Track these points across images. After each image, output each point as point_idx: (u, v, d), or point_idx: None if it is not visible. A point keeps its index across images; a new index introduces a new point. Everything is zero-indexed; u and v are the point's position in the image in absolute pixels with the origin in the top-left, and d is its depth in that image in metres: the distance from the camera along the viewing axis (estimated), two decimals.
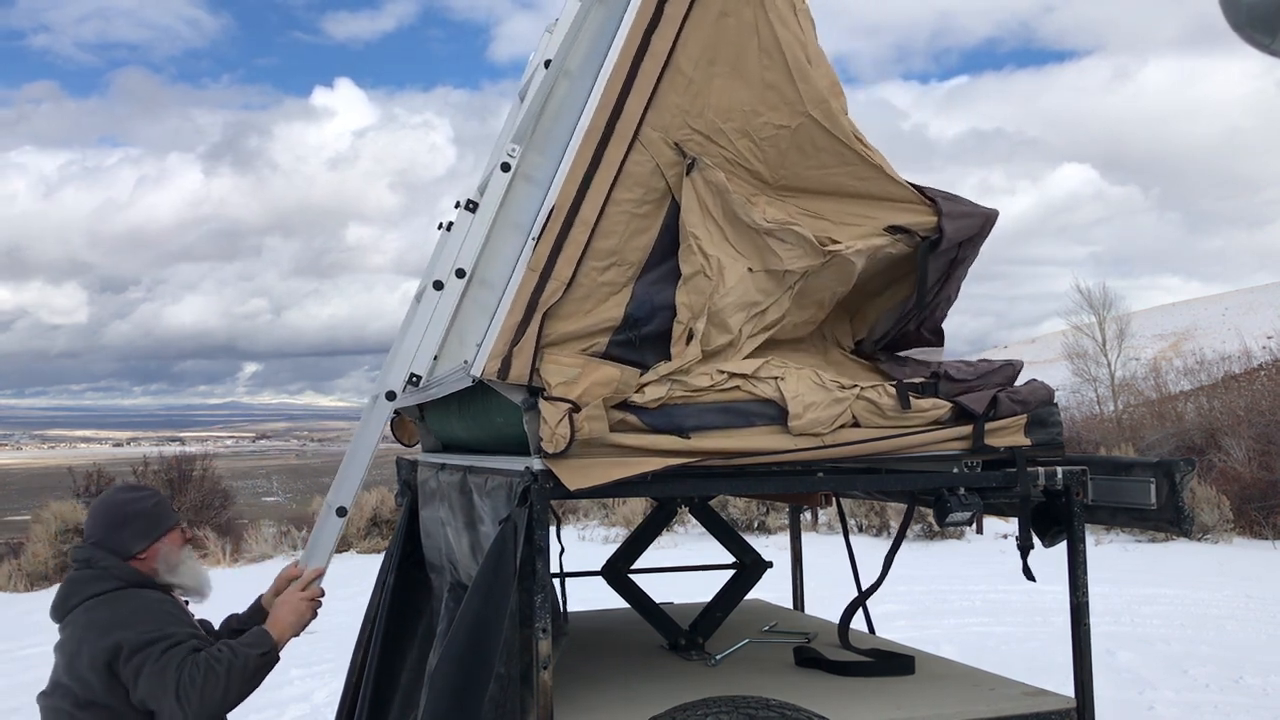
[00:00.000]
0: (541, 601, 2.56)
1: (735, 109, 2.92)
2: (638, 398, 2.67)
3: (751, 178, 2.95)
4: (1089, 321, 35.37)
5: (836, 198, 3.01)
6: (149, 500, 3.02)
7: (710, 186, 2.85)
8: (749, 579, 3.97)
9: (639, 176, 2.84)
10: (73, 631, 2.80)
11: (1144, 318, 61.18)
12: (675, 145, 2.86)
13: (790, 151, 2.95)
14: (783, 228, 2.88)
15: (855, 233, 2.98)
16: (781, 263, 2.89)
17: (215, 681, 2.72)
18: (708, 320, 2.80)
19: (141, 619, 2.77)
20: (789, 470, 2.86)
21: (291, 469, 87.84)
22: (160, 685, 2.68)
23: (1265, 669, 7.74)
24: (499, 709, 2.50)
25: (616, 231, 2.81)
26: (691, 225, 2.83)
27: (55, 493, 18.74)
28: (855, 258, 2.94)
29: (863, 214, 3.01)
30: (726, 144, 2.91)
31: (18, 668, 9.01)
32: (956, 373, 3.06)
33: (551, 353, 2.68)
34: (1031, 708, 2.98)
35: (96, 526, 2.95)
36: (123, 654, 2.70)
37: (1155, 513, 2.97)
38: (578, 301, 2.76)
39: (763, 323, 2.94)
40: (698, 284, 2.80)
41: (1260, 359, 27.72)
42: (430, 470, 3.74)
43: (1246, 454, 17.49)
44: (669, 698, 2.85)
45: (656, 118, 2.85)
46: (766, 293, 2.91)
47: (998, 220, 3.12)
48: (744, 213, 2.86)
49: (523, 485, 2.61)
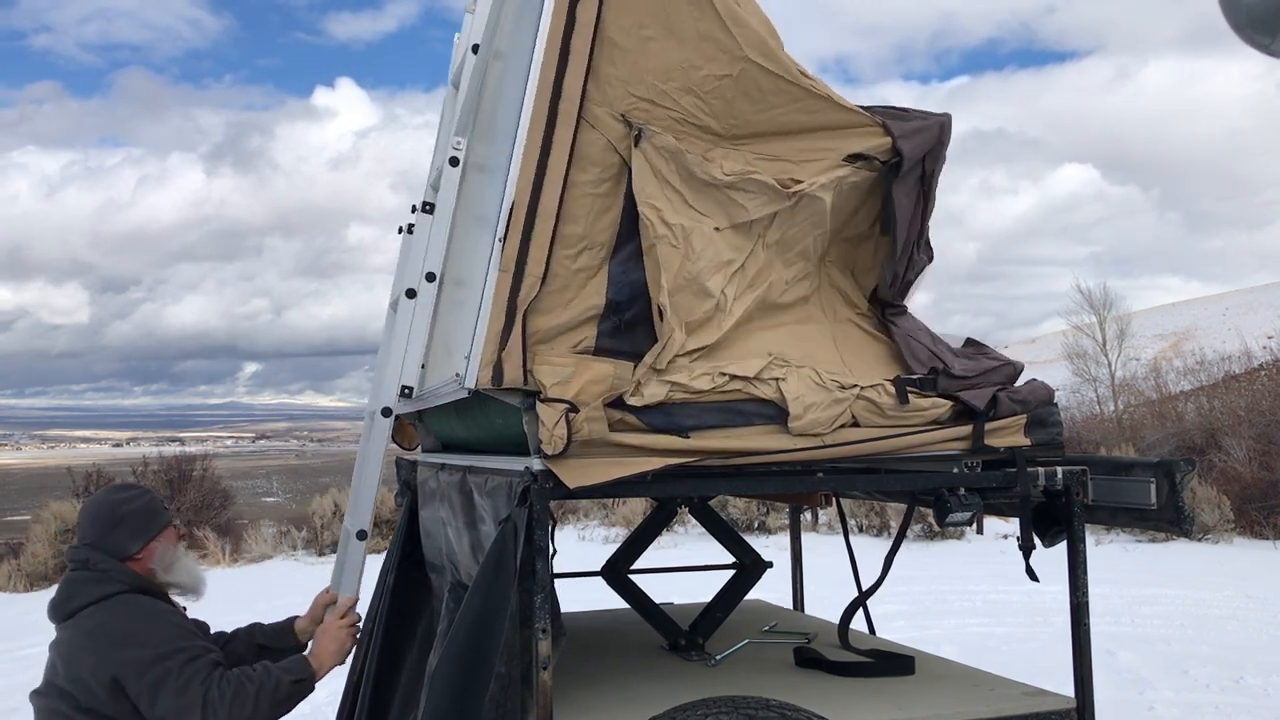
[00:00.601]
0: (541, 601, 2.56)
1: (674, 68, 2.86)
2: (636, 399, 2.66)
3: (703, 134, 2.90)
4: (1089, 321, 35.39)
5: (791, 136, 2.97)
6: (142, 499, 2.98)
7: (662, 153, 2.80)
8: (749, 579, 3.96)
9: (592, 155, 2.79)
10: (74, 636, 2.76)
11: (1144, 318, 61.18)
12: (621, 117, 2.81)
13: (737, 100, 2.90)
14: (742, 178, 2.85)
15: (816, 169, 2.95)
16: (747, 213, 2.86)
17: (244, 700, 2.71)
18: (686, 289, 2.76)
19: (151, 634, 2.74)
20: (789, 470, 2.85)
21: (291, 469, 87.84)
22: (185, 701, 2.66)
23: (1266, 669, 7.74)
24: (499, 709, 2.50)
25: (581, 215, 2.76)
26: (649, 197, 2.78)
27: (55, 493, 18.73)
28: (821, 193, 2.92)
29: (820, 148, 2.97)
30: (672, 104, 2.85)
31: (17, 668, 9.01)
32: (957, 368, 3.05)
33: (543, 353, 2.66)
34: (1031, 708, 2.98)
35: (90, 527, 2.91)
36: (134, 671, 2.67)
37: (1155, 513, 2.97)
38: (556, 294, 2.72)
39: (745, 281, 2.90)
40: (664, 255, 2.75)
41: (1260, 359, 27.71)
42: (430, 470, 3.74)
43: (1247, 454, 17.49)
44: (669, 698, 2.85)
45: (598, 93, 2.80)
46: (739, 248, 2.87)
47: (951, 125, 3.08)
48: (701, 170, 2.82)
49: (522, 485, 2.61)
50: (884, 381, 2.91)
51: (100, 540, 2.88)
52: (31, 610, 11.96)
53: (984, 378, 3.06)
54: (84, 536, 2.92)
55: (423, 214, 3.27)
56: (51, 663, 2.80)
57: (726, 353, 2.86)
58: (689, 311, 2.78)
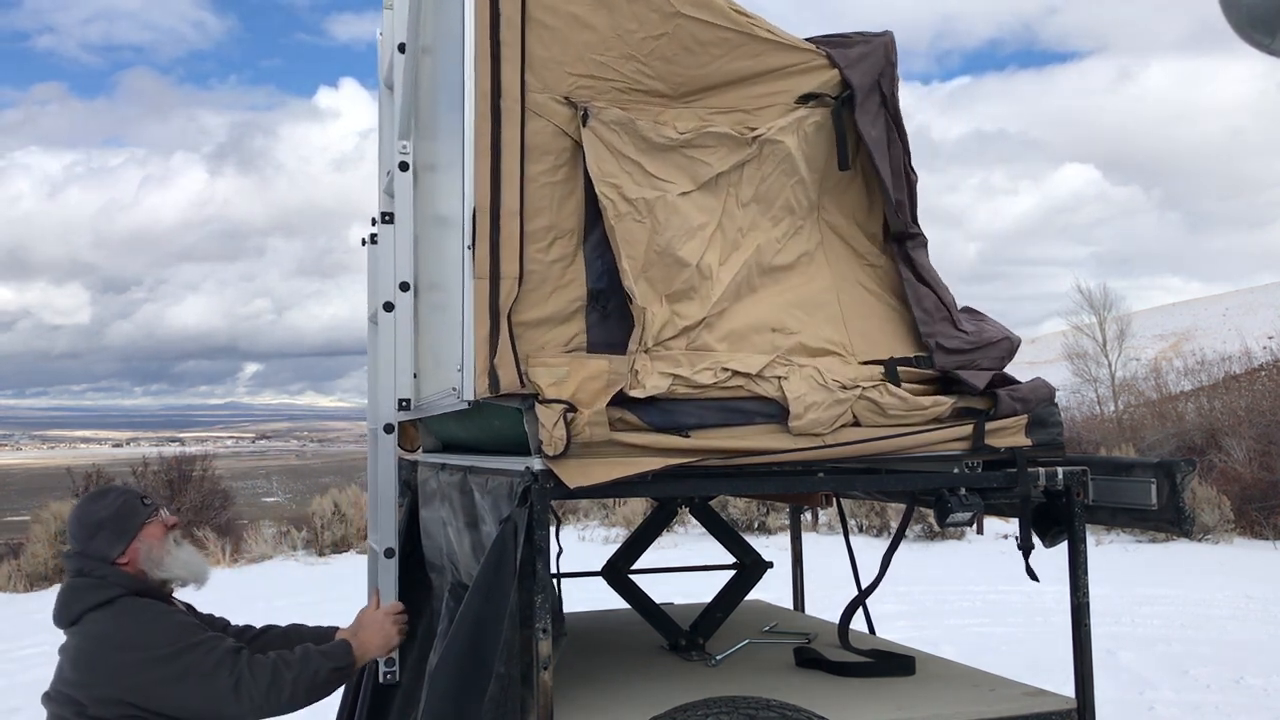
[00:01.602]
0: (542, 602, 2.56)
1: (608, 38, 2.80)
2: (638, 391, 2.63)
3: (652, 98, 2.85)
4: (1089, 322, 35.42)
5: (741, 85, 2.92)
6: (115, 503, 2.92)
7: (612, 126, 2.74)
8: (749, 579, 3.96)
9: (543, 145, 2.73)
10: (80, 643, 2.75)
11: (1144, 318, 61.19)
12: (565, 99, 2.76)
13: (679, 56, 2.85)
14: (699, 133, 2.81)
15: (773, 113, 2.91)
16: (711, 168, 2.81)
17: (280, 686, 2.73)
18: (658, 262, 2.71)
19: (158, 636, 2.73)
20: (789, 470, 2.85)
21: (291, 469, 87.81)
22: (213, 688, 2.67)
23: (1266, 669, 7.74)
24: (499, 709, 2.50)
25: (544, 207, 2.72)
26: (607, 175, 2.72)
27: (55, 493, 18.73)
28: (782, 136, 2.88)
29: (772, 93, 2.93)
30: (614, 75, 2.80)
31: (17, 668, 9.01)
32: (951, 342, 3.01)
33: (536, 354, 2.64)
34: (1032, 708, 2.98)
35: (75, 539, 2.90)
36: (150, 675, 2.66)
37: (1156, 513, 2.97)
38: (536, 290, 2.68)
39: (727, 245, 2.85)
40: (627, 232, 2.70)
41: (1261, 359, 27.72)
42: (430, 470, 3.73)
43: (1247, 454, 17.50)
44: (669, 698, 2.85)
45: (536, 81, 2.74)
46: (708, 209, 2.82)
47: (896, 44, 3.05)
48: (656, 134, 2.77)
49: (523, 485, 2.60)
50: (885, 382, 2.90)
51: (85, 548, 2.87)
52: (31, 610, 11.95)
53: (982, 352, 3.02)
54: (73, 544, 2.91)
55: (384, 225, 3.23)
56: (60, 666, 2.79)
57: (725, 327, 2.82)
58: (667, 284, 2.73)
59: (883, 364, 2.95)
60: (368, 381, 3.45)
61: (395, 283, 3.14)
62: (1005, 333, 3.14)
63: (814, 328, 2.95)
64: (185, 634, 2.76)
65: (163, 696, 2.67)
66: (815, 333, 2.94)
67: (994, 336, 3.08)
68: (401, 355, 3.15)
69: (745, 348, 2.84)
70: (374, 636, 3.04)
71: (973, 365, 3.00)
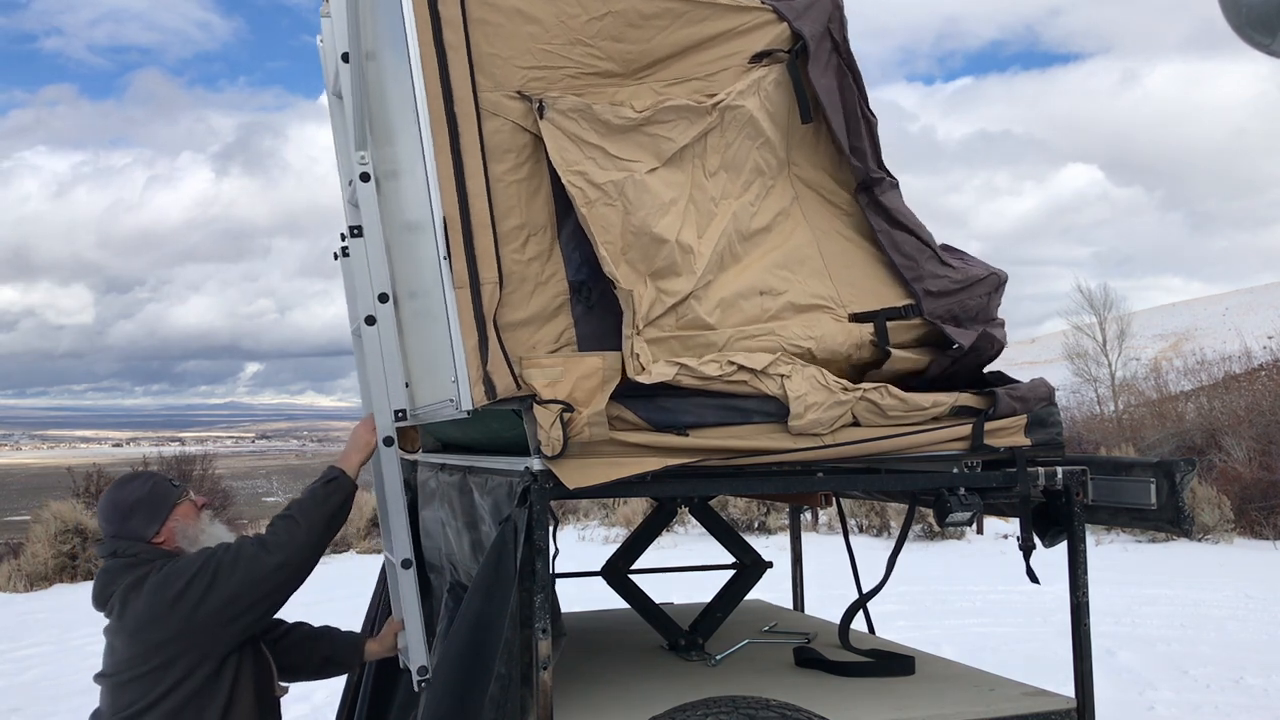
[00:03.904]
0: (541, 602, 2.56)
1: (552, 25, 2.77)
2: (644, 378, 2.62)
3: (606, 79, 2.82)
4: (1090, 322, 35.42)
5: (692, 53, 2.89)
6: (145, 485, 3.02)
7: (569, 115, 2.71)
8: (749, 579, 3.96)
9: (503, 144, 2.70)
10: (121, 609, 2.81)
11: (1145, 318, 61.20)
12: (518, 94, 2.72)
13: (625, 33, 2.82)
14: (658, 109, 2.78)
15: (729, 77, 2.89)
16: (674, 143, 2.78)
17: (295, 529, 2.89)
18: (636, 244, 2.69)
19: (185, 564, 2.83)
20: (789, 470, 2.85)
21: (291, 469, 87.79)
22: (246, 561, 2.81)
23: (1266, 669, 7.73)
24: (499, 709, 2.50)
25: (514, 206, 2.69)
26: (571, 164, 2.68)
27: (55, 493, 18.72)
28: (742, 100, 2.86)
29: (725, 55, 2.91)
30: (564, 61, 2.77)
31: (17, 668, 9.01)
32: (937, 284, 2.98)
33: (529, 355, 2.61)
34: (1031, 708, 2.98)
35: (108, 524, 2.97)
36: (184, 581, 2.76)
37: (1155, 513, 2.97)
38: (518, 291, 2.66)
39: (703, 218, 2.82)
40: (601, 217, 2.67)
41: (1261, 359, 27.71)
42: (430, 470, 3.73)
43: (1247, 454, 17.49)
44: (669, 698, 2.85)
45: (488, 80, 2.70)
46: (677, 184, 2.79)
47: None
48: (615, 115, 2.73)
49: (522, 485, 2.60)
50: (886, 384, 2.90)
51: (120, 532, 2.94)
52: (32, 610, 11.95)
53: (969, 290, 3.01)
54: (107, 532, 2.98)
55: (354, 239, 3.17)
56: (110, 646, 2.85)
57: (714, 297, 2.79)
58: (648, 263, 2.70)
59: (872, 318, 2.93)
60: (360, 395, 3.42)
61: (374, 295, 3.09)
62: (990, 269, 3.11)
63: (800, 284, 2.93)
64: (203, 552, 2.87)
65: (212, 612, 2.76)
66: (802, 289, 2.92)
67: (979, 273, 3.07)
68: (391, 367, 3.10)
69: (735, 315, 2.82)
70: (351, 448, 3.11)
71: (961, 307, 2.98)
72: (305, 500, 2.97)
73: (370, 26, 3.16)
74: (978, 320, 3.09)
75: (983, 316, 3.10)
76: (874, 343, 2.93)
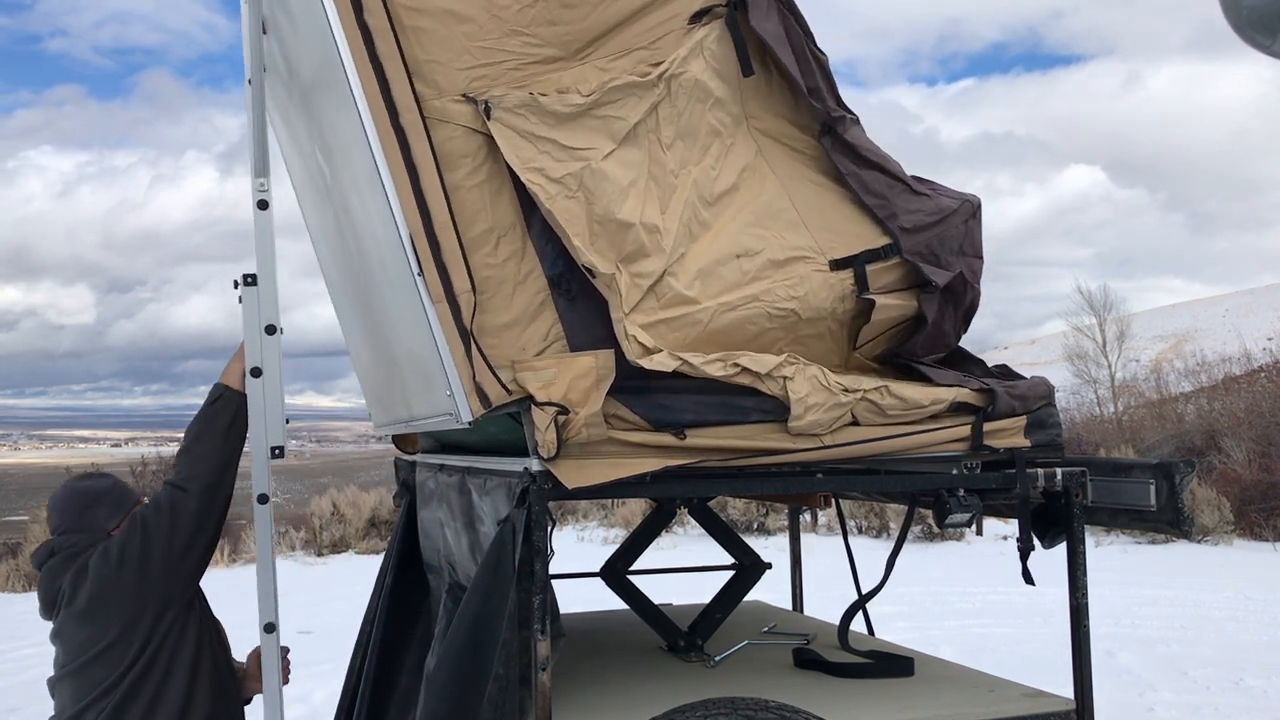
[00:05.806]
0: (540, 602, 2.56)
1: (486, 21, 2.71)
2: (646, 361, 2.59)
3: (549, 65, 2.76)
4: (1089, 323, 35.43)
5: (631, 23, 2.84)
6: (108, 481, 3.05)
7: (516, 111, 2.65)
8: (748, 580, 3.96)
9: (456, 150, 2.64)
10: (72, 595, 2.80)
11: (1145, 319, 61.23)
12: (463, 96, 2.66)
13: (560, 15, 2.77)
14: (605, 91, 2.72)
15: (671, 41, 2.84)
16: (627, 121, 2.74)
17: (195, 455, 2.95)
18: (603, 233, 2.65)
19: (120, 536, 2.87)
20: (788, 471, 2.85)
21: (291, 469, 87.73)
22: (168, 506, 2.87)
23: (1266, 670, 7.73)
24: (497, 710, 2.50)
25: (478, 211, 2.64)
26: (527, 161, 2.63)
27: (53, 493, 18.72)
28: (685, 66, 2.81)
29: (665, 19, 2.86)
30: (503, 55, 2.71)
31: (16, 668, 9.01)
32: (911, 219, 2.95)
33: (520, 358, 2.59)
34: (1031, 709, 2.98)
35: (64, 516, 2.94)
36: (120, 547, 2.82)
37: (1155, 514, 2.97)
38: (497, 294, 2.62)
39: (664, 194, 2.78)
40: (564, 211, 2.62)
41: (1261, 360, 27.73)
42: (429, 471, 3.73)
43: (1247, 455, 17.50)
44: (668, 699, 2.85)
45: (429, 88, 2.64)
46: (633, 164, 2.74)
47: None
48: (563, 104, 2.68)
49: (521, 486, 2.60)
50: (886, 384, 2.89)
51: (76, 524, 2.92)
52: (30, 610, 11.93)
53: (947, 221, 2.99)
54: (58, 526, 2.94)
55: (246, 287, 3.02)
56: (63, 639, 2.84)
57: (690, 270, 2.75)
58: (618, 250, 2.66)
59: (852, 263, 2.90)
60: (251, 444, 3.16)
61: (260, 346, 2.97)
62: (962, 195, 3.08)
63: (777, 239, 2.90)
64: (130, 521, 2.91)
65: (159, 559, 2.81)
66: (779, 243, 2.89)
67: (951, 205, 3.04)
68: (271, 410, 2.98)
69: (715, 284, 2.78)
70: (231, 362, 3.07)
71: (941, 240, 2.97)
72: (197, 427, 3.00)
73: (296, 48, 3.06)
74: (964, 252, 3.06)
75: (968, 246, 3.06)
76: (855, 292, 2.91)
